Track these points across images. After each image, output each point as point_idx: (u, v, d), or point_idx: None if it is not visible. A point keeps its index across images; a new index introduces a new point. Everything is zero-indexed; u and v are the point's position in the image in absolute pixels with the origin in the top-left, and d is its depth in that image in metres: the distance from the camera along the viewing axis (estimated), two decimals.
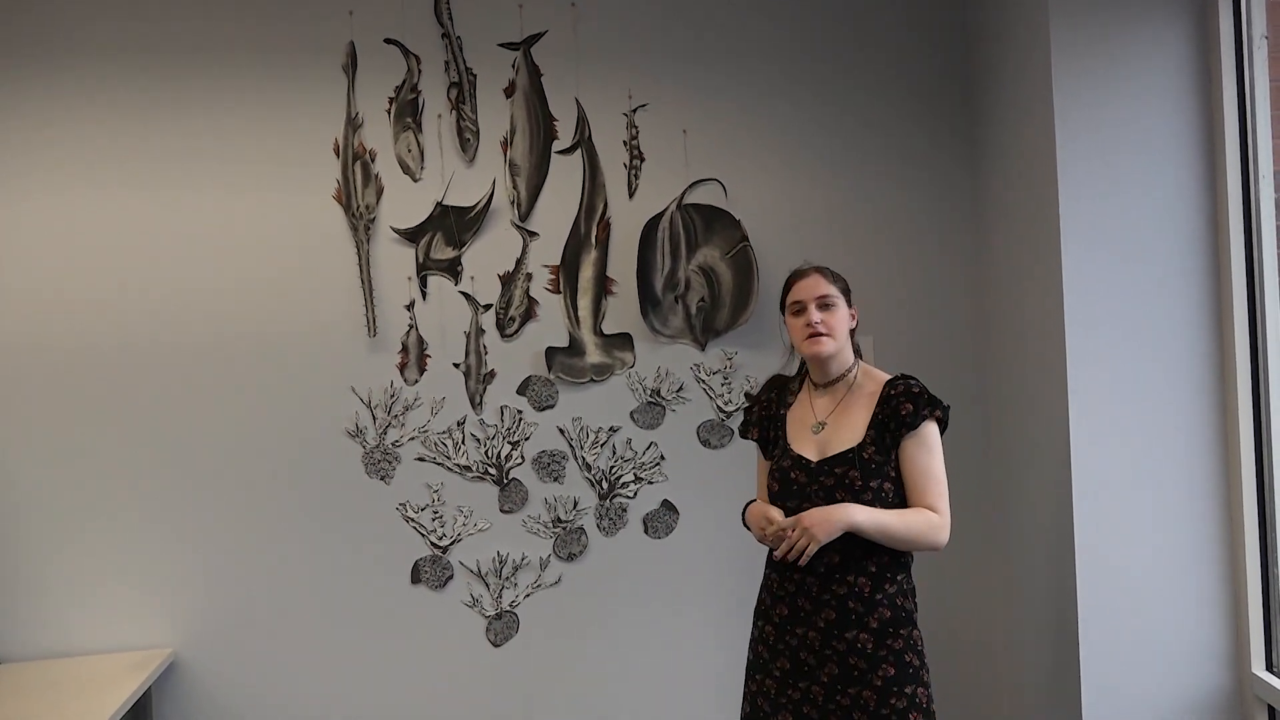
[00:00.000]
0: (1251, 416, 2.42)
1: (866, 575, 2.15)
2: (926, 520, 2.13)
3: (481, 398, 3.08)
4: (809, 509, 2.15)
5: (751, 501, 2.37)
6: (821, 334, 2.21)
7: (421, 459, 3.07)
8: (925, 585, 2.62)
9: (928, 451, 2.16)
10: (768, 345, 3.07)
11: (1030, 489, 2.78)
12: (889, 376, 2.24)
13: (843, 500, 2.13)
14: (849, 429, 2.21)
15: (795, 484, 2.20)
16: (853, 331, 2.32)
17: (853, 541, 2.14)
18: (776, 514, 2.18)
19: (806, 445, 2.25)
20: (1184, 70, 2.45)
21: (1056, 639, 2.63)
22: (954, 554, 3.10)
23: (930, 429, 2.17)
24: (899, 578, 2.18)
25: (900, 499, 2.18)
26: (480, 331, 3.08)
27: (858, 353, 2.34)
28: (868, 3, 3.13)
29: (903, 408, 2.15)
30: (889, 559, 2.16)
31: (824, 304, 2.23)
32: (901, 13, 3.14)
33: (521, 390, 3.10)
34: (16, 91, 2.95)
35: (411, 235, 3.05)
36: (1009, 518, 2.99)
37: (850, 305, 2.29)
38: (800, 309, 2.25)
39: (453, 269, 3.07)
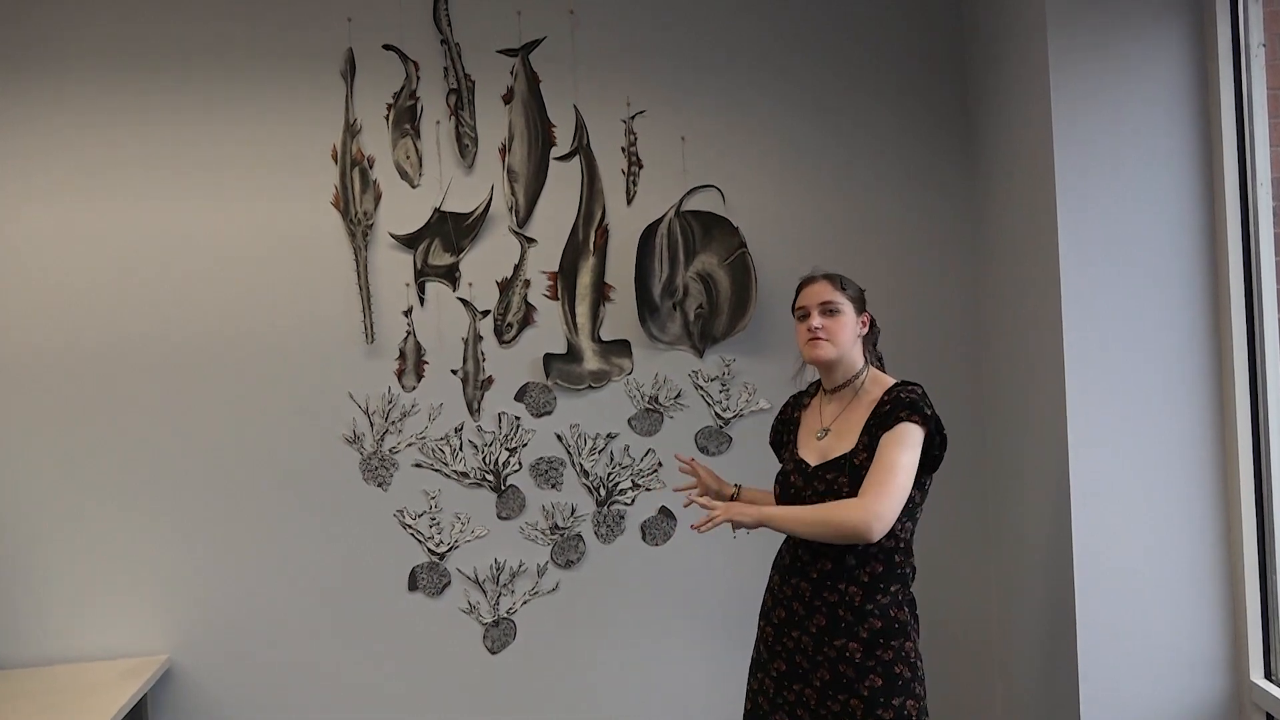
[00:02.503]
0: (1250, 421, 2.41)
1: (859, 584, 2.15)
2: (833, 513, 2.05)
3: (479, 404, 3.08)
4: None
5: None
6: (820, 339, 2.22)
7: (419, 465, 3.07)
8: (922, 590, 2.62)
9: (895, 445, 2.09)
10: (766, 352, 3.07)
11: (1028, 495, 2.78)
12: (893, 383, 2.24)
13: None
14: (847, 435, 2.21)
15: (793, 487, 2.22)
16: (867, 339, 2.32)
17: (845, 550, 2.13)
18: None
19: (810, 450, 2.27)
20: (1182, 78, 2.45)
21: (1054, 646, 2.62)
22: (951, 559, 3.12)
23: (905, 428, 2.10)
24: (894, 589, 2.17)
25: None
26: (478, 338, 3.08)
27: (875, 360, 2.34)
28: (866, 9, 3.14)
29: (882, 409, 2.15)
30: (883, 569, 2.15)
31: (827, 310, 2.23)
32: (899, 19, 3.14)
33: (519, 397, 3.09)
34: (15, 96, 2.95)
35: (409, 241, 3.05)
36: (1007, 523, 2.99)
37: (862, 313, 2.29)
38: (805, 315, 2.26)
39: (451, 275, 3.07)
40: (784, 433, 2.42)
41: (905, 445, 2.09)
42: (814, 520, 2.07)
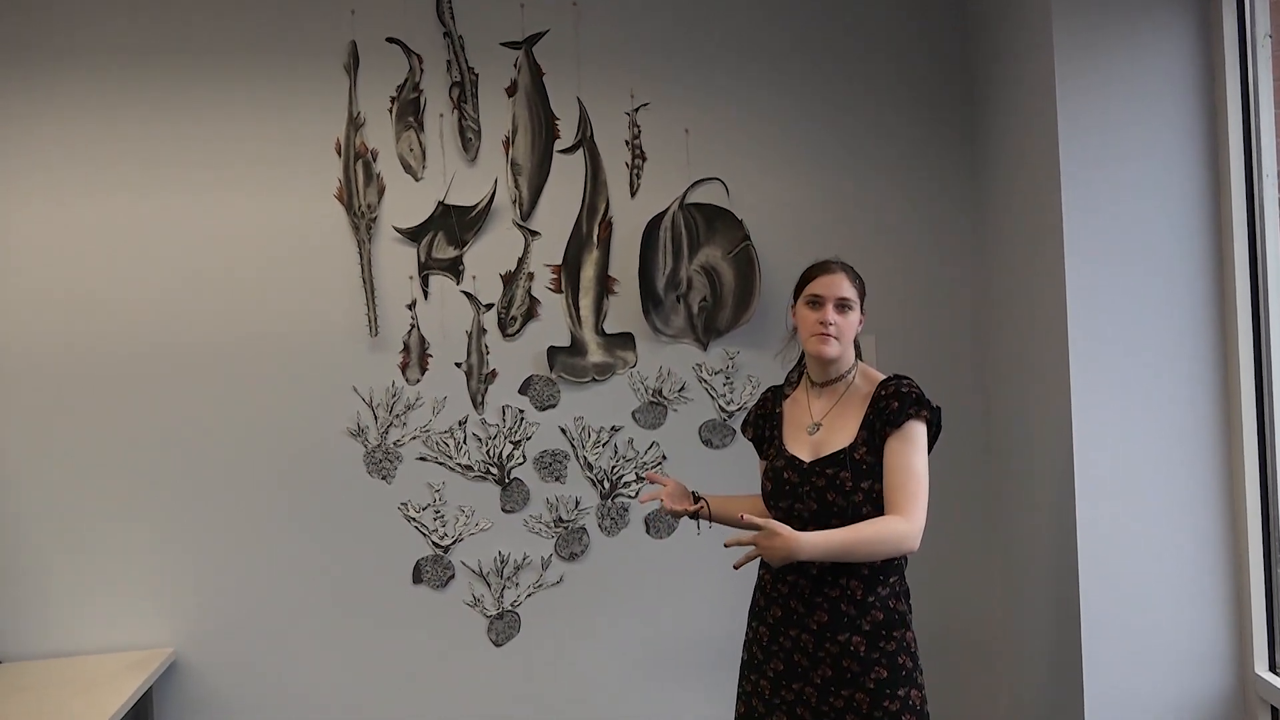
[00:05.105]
0: (1255, 414, 2.41)
1: (859, 578, 2.13)
2: (885, 532, 2.04)
3: (483, 397, 3.08)
4: (800, 509, 2.16)
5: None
6: (831, 336, 2.19)
7: (423, 458, 3.07)
8: (925, 587, 2.62)
9: (910, 447, 2.11)
10: (770, 344, 3.06)
11: (1032, 490, 2.77)
12: (884, 377, 2.23)
13: (834, 500, 2.12)
14: (843, 430, 2.19)
15: (788, 484, 2.19)
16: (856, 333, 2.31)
17: None
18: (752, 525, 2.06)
19: (801, 445, 2.24)
20: (1187, 70, 2.44)
21: (1059, 641, 2.62)
22: (955, 556, 3.12)
23: (914, 428, 2.12)
24: (892, 580, 2.17)
25: None
26: (482, 331, 3.08)
27: (859, 353, 2.33)
28: (869, 3, 3.12)
29: (889, 406, 2.14)
30: (881, 561, 2.14)
31: (842, 305, 2.20)
32: (903, 11, 3.13)
33: (523, 390, 3.09)
34: (16, 93, 2.95)
35: (413, 234, 3.05)
36: (1011, 519, 2.99)
37: (862, 310, 2.26)
38: (818, 304, 2.21)
39: (454, 268, 3.07)
40: (765, 427, 2.37)
41: (918, 447, 2.12)
42: (859, 541, 2.03)
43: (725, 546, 2.07)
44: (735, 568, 2.09)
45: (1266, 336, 2.38)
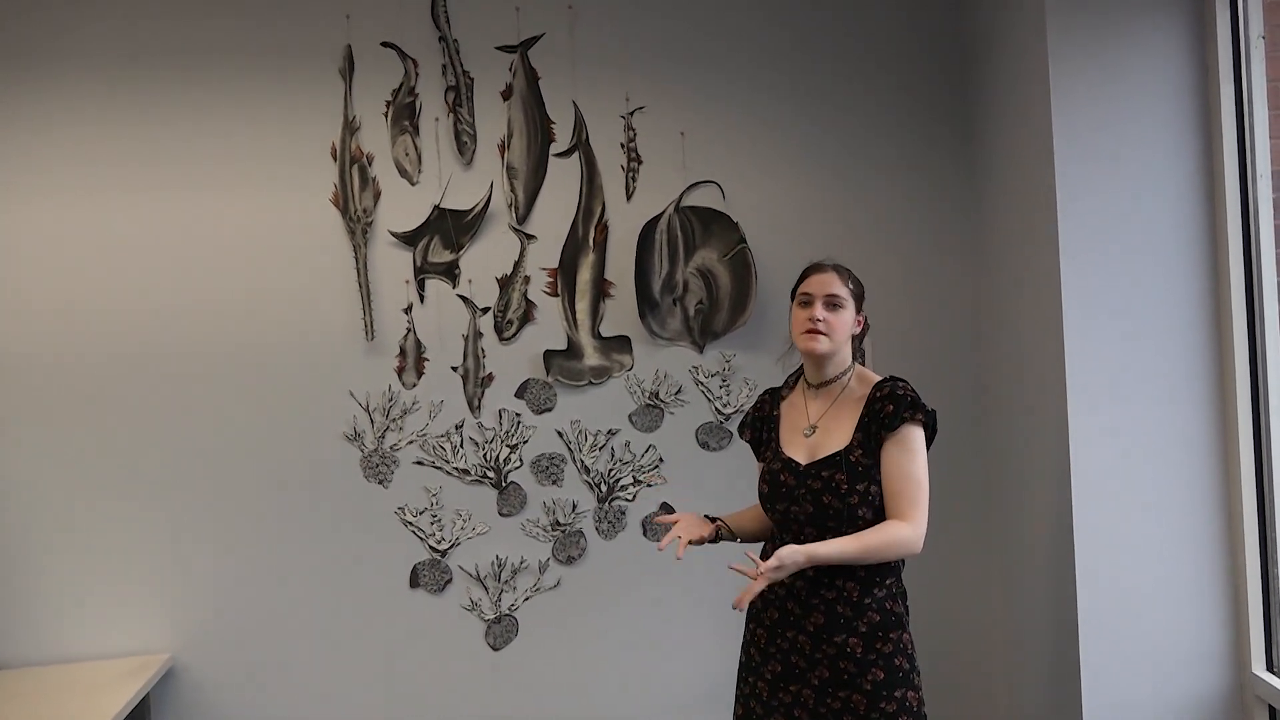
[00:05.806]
0: (1251, 415, 2.41)
1: (855, 580, 2.13)
2: (888, 539, 2.07)
3: (480, 401, 3.08)
4: (796, 512, 2.17)
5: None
6: (820, 332, 2.19)
7: (420, 463, 3.07)
8: (923, 589, 2.61)
9: (907, 453, 2.12)
10: (766, 347, 3.06)
11: (1029, 490, 2.77)
12: (879, 379, 2.23)
13: (829, 503, 2.13)
14: (839, 432, 2.19)
15: (784, 486, 2.20)
16: (858, 338, 2.30)
17: None
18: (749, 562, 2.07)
19: (797, 448, 2.24)
20: (1181, 70, 2.44)
21: (1056, 641, 2.62)
22: (952, 558, 3.11)
23: (910, 431, 2.13)
24: (888, 582, 2.17)
25: None
26: (478, 335, 3.08)
27: (860, 359, 2.33)
28: (865, 4, 3.13)
29: (884, 409, 2.14)
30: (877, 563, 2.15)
31: (831, 303, 2.21)
32: (898, 12, 3.13)
33: (520, 393, 3.09)
34: (13, 95, 2.95)
35: (409, 239, 3.05)
36: (1008, 520, 2.98)
37: (860, 311, 2.27)
38: (808, 302, 2.22)
39: (450, 272, 3.07)
40: (763, 430, 2.38)
41: (916, 451, 2.13)
42: (866, 549, 2.06)
43: (730, 569, 2.05)
44: (735, 608, 2.01)
45: (1262, 336, 2.38)
